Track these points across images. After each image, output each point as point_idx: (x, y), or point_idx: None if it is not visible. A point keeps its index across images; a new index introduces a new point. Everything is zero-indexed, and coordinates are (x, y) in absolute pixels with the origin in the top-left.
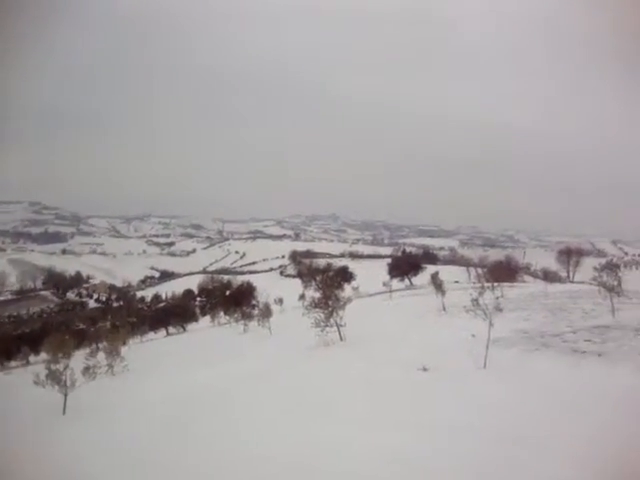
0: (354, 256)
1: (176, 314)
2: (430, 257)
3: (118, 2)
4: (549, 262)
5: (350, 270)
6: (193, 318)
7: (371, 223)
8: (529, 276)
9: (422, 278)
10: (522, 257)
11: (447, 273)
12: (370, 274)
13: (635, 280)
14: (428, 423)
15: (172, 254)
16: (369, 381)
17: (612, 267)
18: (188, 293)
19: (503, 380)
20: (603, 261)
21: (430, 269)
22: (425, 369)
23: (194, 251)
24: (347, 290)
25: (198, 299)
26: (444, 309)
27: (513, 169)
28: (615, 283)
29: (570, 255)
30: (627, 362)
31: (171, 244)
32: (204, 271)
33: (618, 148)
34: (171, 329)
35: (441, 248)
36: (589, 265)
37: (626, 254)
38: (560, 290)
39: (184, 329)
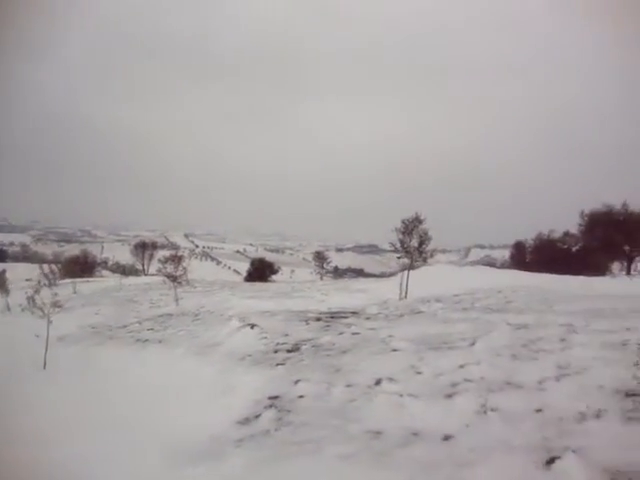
0: None
1: None
2: None
3: None
4: (126, 256)
5: None
6: None
7: None
8: (107, 270)
9: None
10: (100, 252)
11: (18, 270)
12: None
13: (202, 270)
14: None
15: None
16: None
17: (175, 259)
18: None
19: (62, 379)
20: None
21: None
22: None
23: None
24: None
25: None
26: (9, 309)
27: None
28: (180, 273)
29: (145, 248)
30: (181, 346)
31: None
32: None
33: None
34: None
35: (11, 244)
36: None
37: (197, 246)
38: (134, 283)
39: None
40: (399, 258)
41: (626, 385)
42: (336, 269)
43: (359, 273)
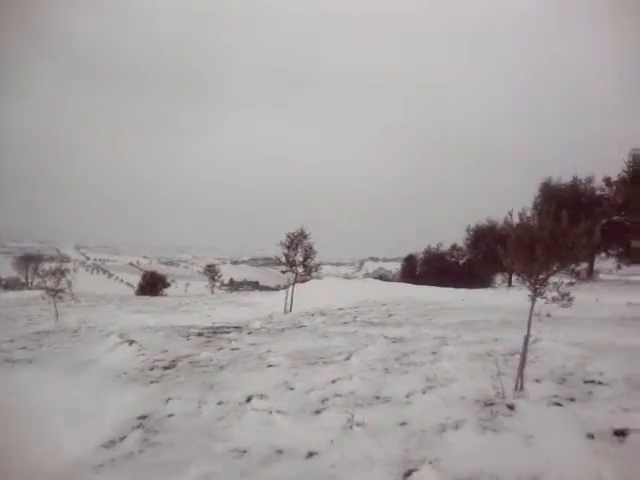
0: None
1: None
2: None
3: None
4: (8, 269)
5: None
6: None
7: None
8: None
9: None
10: None
11: None
12: None
13: (92, 283)
14: None
15: None
16: None
17: (56, 272)
18: None
19: None
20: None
21: None
22: None
23: None
24: None
25: None
26: None
27: None
28: (62, 287)
29: (29, 261)
30: (53, 365)
31: None
32: None
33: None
34: None
35: None
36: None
37: (88, 258)
38: (15, 298)
39: None
40: (284, 272)
41: (486, 395)
42: (231, 282)
43: (255, 286)
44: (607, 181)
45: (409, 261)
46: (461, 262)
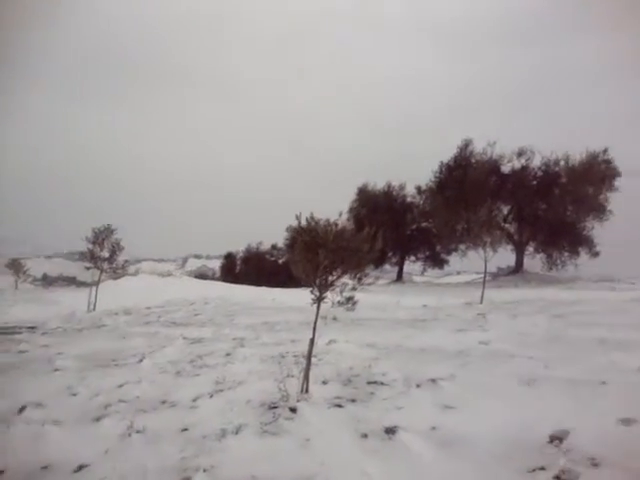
0: None
1: None
2: None
3: None
4: None
5: None
6: None
7: None
8: None
9: None
10: None
11: None
12: None
13: None
14: None
15: None
16: None
17: None
18: None
19: None
20: None
21: None
22: None
23: None
24: None
25: None
26: None
27: None
28: None
29: None
30: None
31: None
32: None
33: None
34: None
35: None
36: None
37: None
38: None
39: None
40: (88, 269)
41: (271, 398)
42: (45, 277)
43: (71, 281)
44: (418, 189)
45: (229, 259)
46: (280, 261)
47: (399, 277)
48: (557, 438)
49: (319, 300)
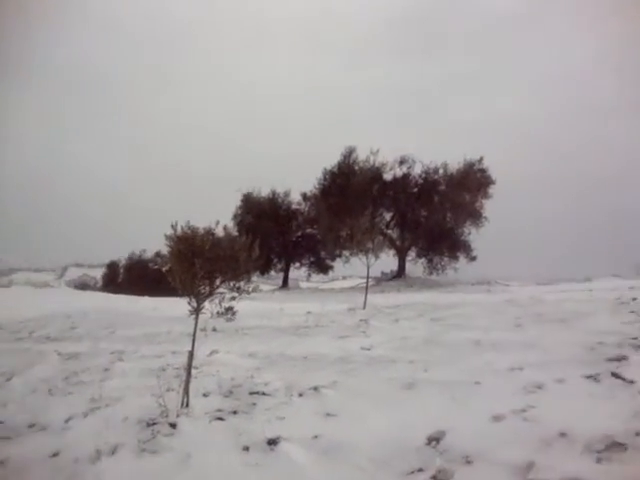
0: None
1: None
2: None
3: None
4: None
5: None
6: None
7: None
8: None
9: None
10: None
11: None
12: None
13: None
14: None
15: None
16: None
17: None
18: None
19: None
20: None
21: None
22: None
23: None
24: None
25: None
26: None
27: None
28: None
29: None
30: None
31: None
32: None
33: None
34: None
35: None
36: None
37: None
38: None
39: None
40: None
41: (150, 414)
42: None
43: None
44: (303, 196)
45: (111, 268)
46: (164, 269)
47: (285, 283)
48: (434, 439)
49: (197, 311)
